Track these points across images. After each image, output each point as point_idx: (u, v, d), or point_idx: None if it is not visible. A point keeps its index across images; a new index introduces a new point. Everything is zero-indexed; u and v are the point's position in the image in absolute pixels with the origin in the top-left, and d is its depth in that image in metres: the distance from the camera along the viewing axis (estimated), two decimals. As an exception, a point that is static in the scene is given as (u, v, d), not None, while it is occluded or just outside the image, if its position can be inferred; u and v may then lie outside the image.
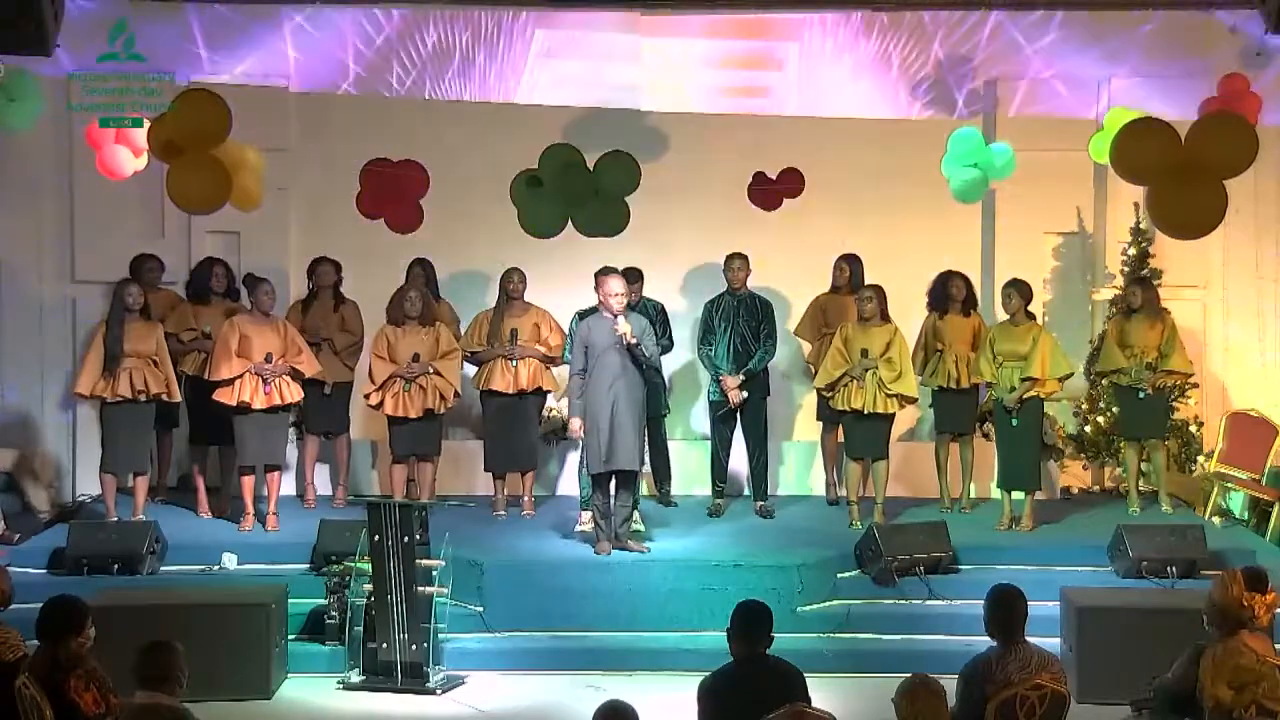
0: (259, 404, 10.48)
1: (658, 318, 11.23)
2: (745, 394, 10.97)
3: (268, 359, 10.45)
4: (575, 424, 9.87)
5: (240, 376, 10.44)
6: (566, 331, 10.87)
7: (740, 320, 11.08)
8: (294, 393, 10.65)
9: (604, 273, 10.13)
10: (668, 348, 11.37)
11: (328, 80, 12.35)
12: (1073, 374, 11.14)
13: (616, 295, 9.81)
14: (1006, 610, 6.53)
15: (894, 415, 10.81)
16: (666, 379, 11.62)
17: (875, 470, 10.82)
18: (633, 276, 10.78)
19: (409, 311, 10.76)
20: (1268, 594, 6.45)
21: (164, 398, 10.58)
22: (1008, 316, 10.74)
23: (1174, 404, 11.44)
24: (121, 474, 10.64)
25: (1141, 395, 10.95)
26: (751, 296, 11.20)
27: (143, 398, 10.46)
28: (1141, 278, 11.42)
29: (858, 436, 10.76)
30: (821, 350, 11.24)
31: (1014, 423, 10.58)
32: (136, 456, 10.63)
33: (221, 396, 10.50)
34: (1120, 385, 11.10)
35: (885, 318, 10.79)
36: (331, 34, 12.29)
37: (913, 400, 10.86)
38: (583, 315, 10.63)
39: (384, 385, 10.70)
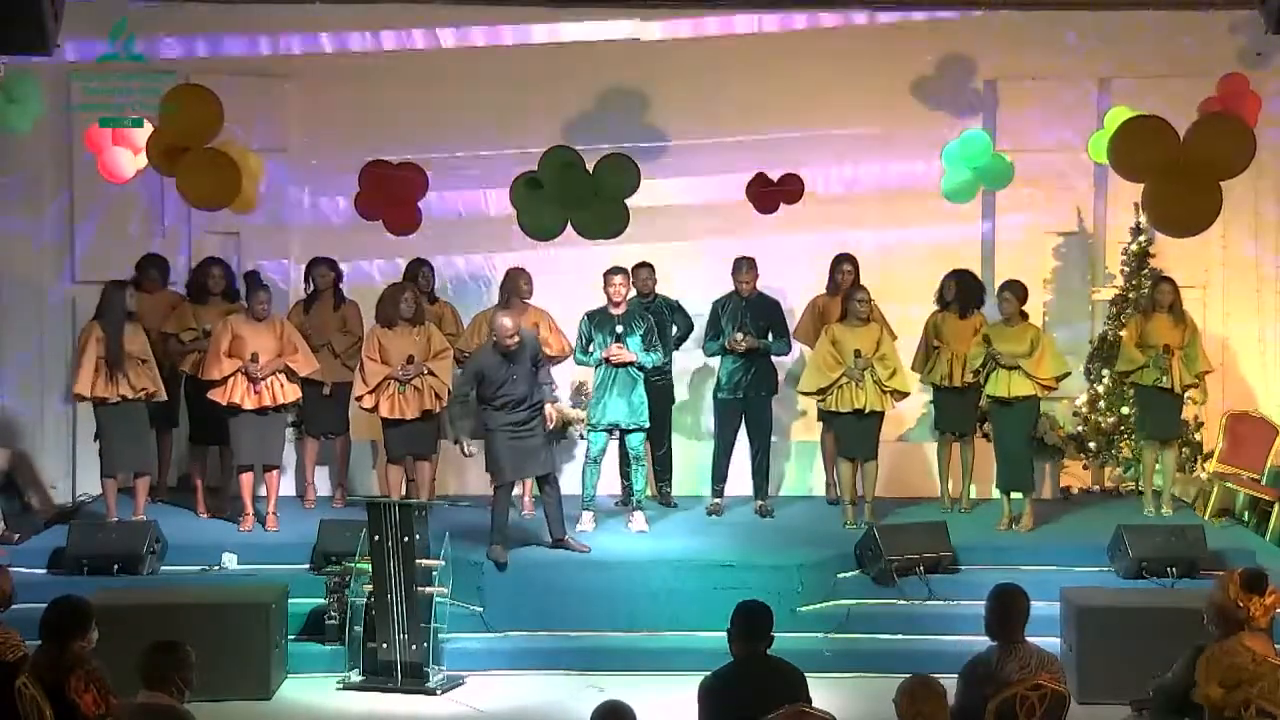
0: (249, 404, 10.47)
1: (670, 314, 11.30)
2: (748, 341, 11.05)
3: (254, 358, 10.44)
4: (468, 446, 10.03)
5: (231, 376, 10.44)
6: (577, 331, 10.80)
7: (747, 321, 11.09)
8: (289, 392, 10.63)
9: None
10: (682, 339, 11.46)
11: (328, 78, 12.33)
12: (1070, 374, 11.15)
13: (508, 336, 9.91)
14: (1007, 609, 6.53)
15: (884, 414, 10.82)
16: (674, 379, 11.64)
17: (866, 470, 10.82)
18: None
19: (404, 313, 10.73)
20: (1266, 596, 6.44)
21: (156, 396, 10.60)
22: (1009, 317, 10.72)
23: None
24: (122, 474, 10.64)
25: (1165, 381, 10.90)
26: (760, 297, 11.22)
27: (144, 396, 10.48)
28: (1168, 276, 11.38)
29: (855, 436, 10.75)
30: (821, 352, 11.23)
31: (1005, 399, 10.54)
32: (137, 456, 10.64)
33: (214, 396, 10.51)
34: (1142, 385, 11.08)
35: (870, 318, 10.83)
36: (333, 31, 12.31)
37: (905, 395, 10.88)
38: (591, 315, 10.64)
39: (378, 387, 10.67)
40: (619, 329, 10.49)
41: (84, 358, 10.39)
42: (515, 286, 11.08)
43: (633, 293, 11.23)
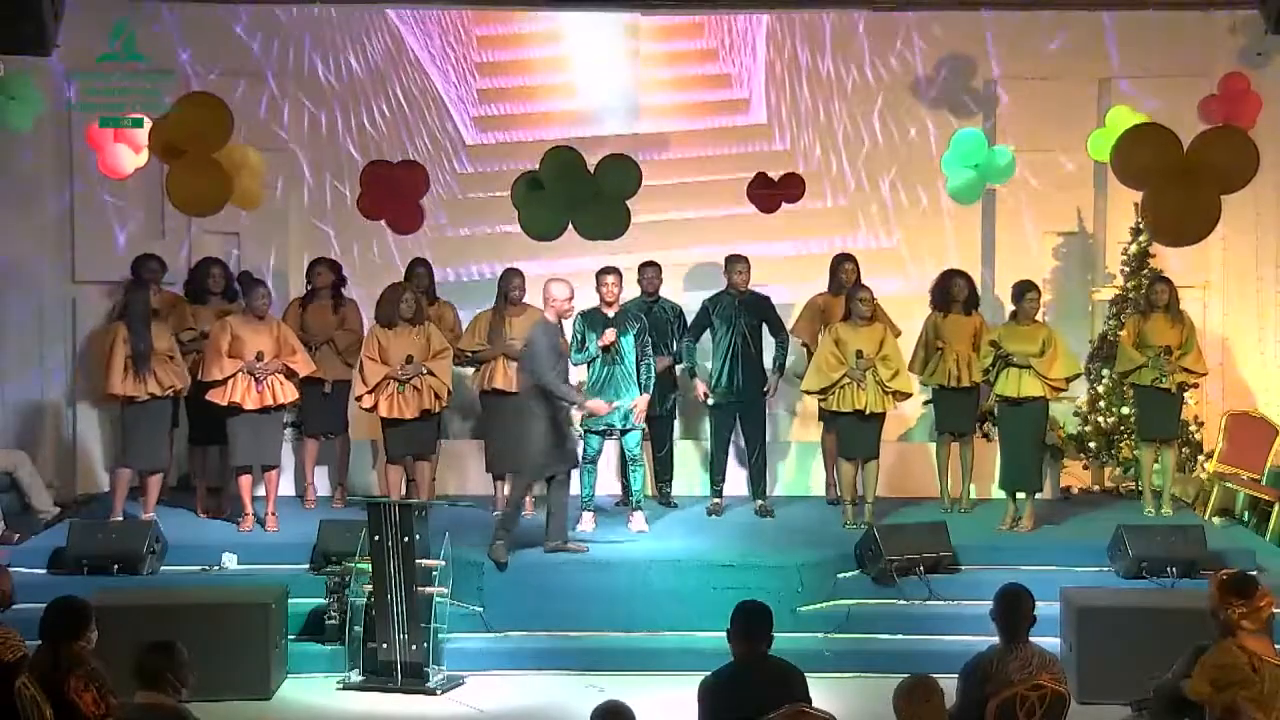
0: (250, 404, 10.47)
1: (675, 320, 11.30)
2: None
3: (258, 358, 10.44)
4: (599, 403, 10.04)
5: (232, 376, 10.44)
6: (572, 331, 10.79)
7: (740, 320, 11.10)
8: (288, 393, 10.63)
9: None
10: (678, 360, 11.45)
11: (328, 77, 12.34)
12: (1080, 374, 11.15)
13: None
14: (1013, 610, 6.55)
15: (885, 414, 10.82)
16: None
17: (867, 470, 10.82)
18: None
19: (404, 313, 10.73)
20: (1254, 599, 6.43)
21: (182, 393, 10.66)
22: (1026, 317, 10.65)
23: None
24: (140, 469, 10.65)
25: (1164, 382, 10.90)
26: (752, 295, 11.22)
27: (171, 394, 10.55)
28: (1164, 276, 11.39)
29: (857, 437, 10.74)
30: (822, 352, 11.23)
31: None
32: (155, 454, 10.67)
33: (213, 397, 10.50)
34: (1141, 385, 11.07)
35: (873, 317, 10.83)
36: (333, 30, 12.30)
37: (908, 396, 10.88)
38: (585, 315, 10.64)
39: (377, 387, 10.67)
40: (611, 330, 10.45)
41: (112, 358, 10.43)
42: (509, 286, 11.10)
43: (637, 292, 11.28)
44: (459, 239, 12.32)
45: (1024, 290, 10.73)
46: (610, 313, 10.54)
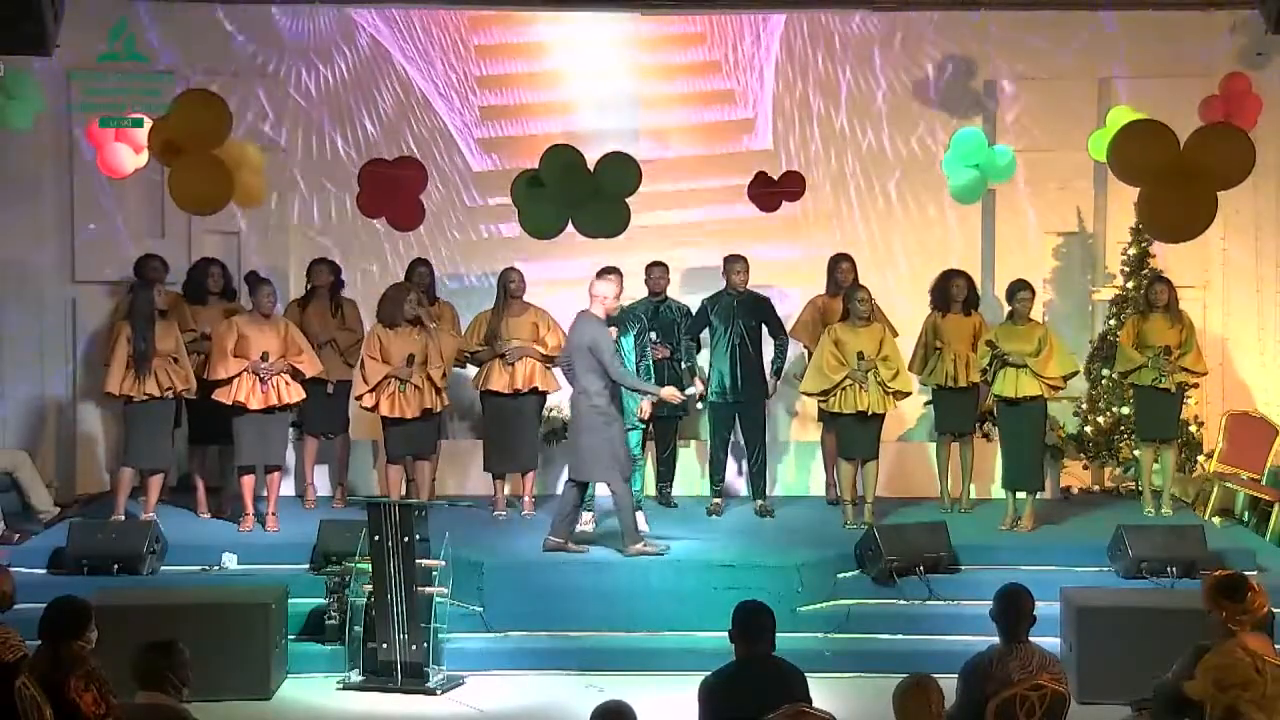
0: (255, 404, 10.48)
1: (683, 319, 11.31)
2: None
3: (264, 358, 10.45)
4: (673, 391, 10.12)
5: (238, 376, 10.45)
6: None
7: (739, 320, 11.10)
8: (294, 393, 10.64)
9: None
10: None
11: (327, 77, 12.34)
12: (1078, 372, 11.15)
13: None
14: (1014, 609, 6.55)
15: (885, 414, 10.82)
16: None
17: (866, 471, 10.82)
18: None
19: (408, 314, 10.73)
20: (1244, 600, 6.43)
21: (186, 394, 10.65)
22: (1021, 317, 10.65)
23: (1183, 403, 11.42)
24: (143, 468, 10.66)
25: (1164, 382, 10.90)
26: (751, 295, 11.22)
27: (169, 394, 10.55)
28: (1163, 276, 11.39)
29: (858, 437, 10.74)
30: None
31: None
32: (156, 454, 10.67)
33: (219, 396, 10.51)
34: (1140, 385, 11.07)
35: (871, 317, 10.82)
36: (333, 30, 12.30)
37: (908, 395, 10.88)
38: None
39: (378, 386, 10.67)
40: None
41: (114, 357, 10.47)
42: (507, 280, 11.10)
43: (644, 292, 11.28)
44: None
45: (1017, 289, 10.74)
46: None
